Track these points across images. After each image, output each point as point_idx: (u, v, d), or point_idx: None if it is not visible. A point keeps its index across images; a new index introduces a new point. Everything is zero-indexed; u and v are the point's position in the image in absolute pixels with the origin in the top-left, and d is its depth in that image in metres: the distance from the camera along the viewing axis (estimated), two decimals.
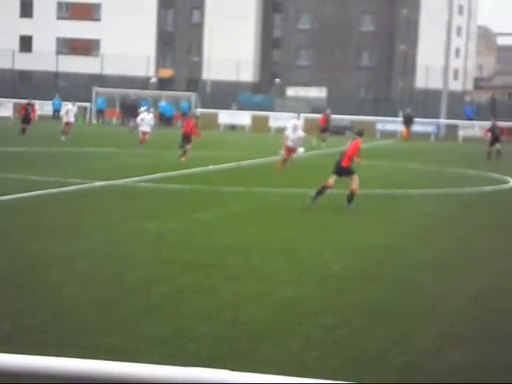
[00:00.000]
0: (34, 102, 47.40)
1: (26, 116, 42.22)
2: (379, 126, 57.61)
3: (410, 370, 7.72)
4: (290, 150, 28.77)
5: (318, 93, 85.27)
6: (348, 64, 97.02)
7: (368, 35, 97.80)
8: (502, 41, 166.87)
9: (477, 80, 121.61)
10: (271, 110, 66.12)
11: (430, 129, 57.60)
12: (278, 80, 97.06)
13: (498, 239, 15.70)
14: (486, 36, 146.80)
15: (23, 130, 41.12)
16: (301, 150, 34.00)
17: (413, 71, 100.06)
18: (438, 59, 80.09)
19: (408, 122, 55.87)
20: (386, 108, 67.83)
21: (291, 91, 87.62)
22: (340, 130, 54.38)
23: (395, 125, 57.72)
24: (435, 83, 75.37)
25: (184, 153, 30.05)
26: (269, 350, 8.11)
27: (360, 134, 19.17)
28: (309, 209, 18.79)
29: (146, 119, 36.26)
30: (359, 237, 15.16)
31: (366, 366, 7.72)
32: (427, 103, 70.84)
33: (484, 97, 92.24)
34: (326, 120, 47.42)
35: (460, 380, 7.50)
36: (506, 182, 26.44)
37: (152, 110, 40.22)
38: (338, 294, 10.63)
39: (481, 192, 23.67)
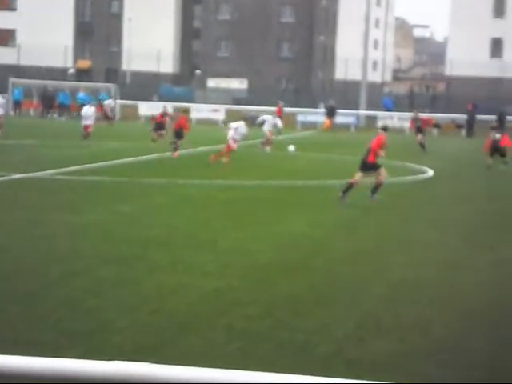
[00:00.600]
0: None
1: None
2: (300, 118, 57.92)
3: (331, 358, 7.78)
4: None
5: (238, 84, 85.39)
6: (268, 55, 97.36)
7: (288, 26, 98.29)
8: (418, 32, 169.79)
9: (395, 71, 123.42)
10: (192, 101, 65.86)
11: (350, 120, 58.18)
12: (198, 71, 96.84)
13: (418, 229, 15.95)
14: (403, 28, 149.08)
15: None
16: (291, 147, 33.87)
17: (332, 62, 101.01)
18: (356, 50, 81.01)
19: (331, 113, 56.28)
20: (307, 99, 68.25)
21: (212, 83, 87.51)
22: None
23: (316, 116, 58.10)
24: (354, 74, 76.19)
25: (175, 149, 28.96)
26: (192, 341, 8.08)
27: (385, 129, 20.14)
28: (233, 201, 18.78)
29: (88, 112, 35.75)
30: (283, 228, 15.21)
31: (289, 356, 7.74)
32: (347, 94, 71.56)
33: (403, 88, 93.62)
34: (281, 112, 48.34)
35: (383, 369, 7.58)
36: (424, 172, 26.88)
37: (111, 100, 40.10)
38: (262, 285, 10.65)
39: (401, 182, 23.99)
